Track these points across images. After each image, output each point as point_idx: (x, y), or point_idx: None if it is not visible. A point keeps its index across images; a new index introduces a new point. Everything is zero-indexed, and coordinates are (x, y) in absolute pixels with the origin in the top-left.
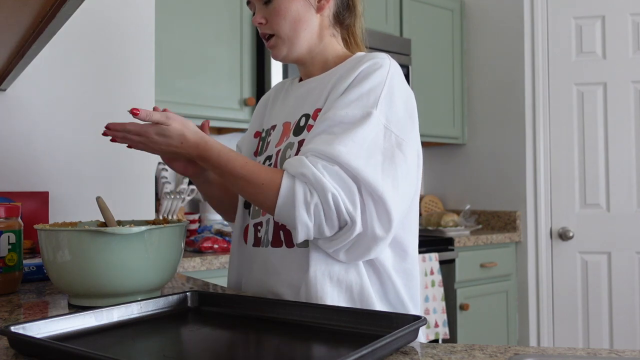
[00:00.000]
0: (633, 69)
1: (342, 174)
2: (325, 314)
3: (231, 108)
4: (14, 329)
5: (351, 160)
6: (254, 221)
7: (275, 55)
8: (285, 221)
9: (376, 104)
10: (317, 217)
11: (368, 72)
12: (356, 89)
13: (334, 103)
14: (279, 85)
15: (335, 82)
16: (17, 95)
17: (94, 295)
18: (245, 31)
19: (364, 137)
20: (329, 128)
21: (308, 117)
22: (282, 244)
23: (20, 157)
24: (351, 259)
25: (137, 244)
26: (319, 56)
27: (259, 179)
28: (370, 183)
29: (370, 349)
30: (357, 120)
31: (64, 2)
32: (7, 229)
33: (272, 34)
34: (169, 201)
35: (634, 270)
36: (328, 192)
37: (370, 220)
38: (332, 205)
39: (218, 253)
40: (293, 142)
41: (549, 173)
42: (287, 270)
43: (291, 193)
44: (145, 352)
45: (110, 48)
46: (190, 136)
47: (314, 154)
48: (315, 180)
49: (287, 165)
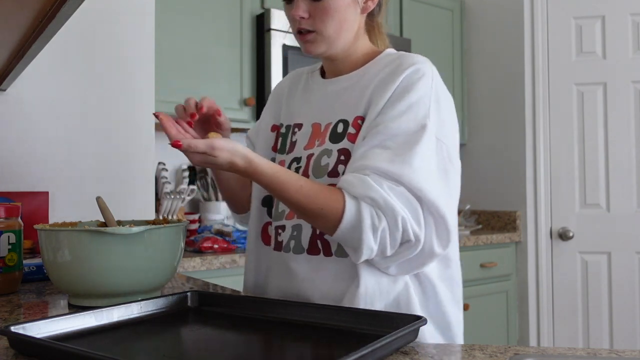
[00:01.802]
0: (633, 69)
1: (407, 195)
2: (325, 314)
3: (231, 108)
4: (14, 329)
5: (415, 180)
6: (276, 223)
7: (310, 50)
8: (346, 243)
9: (428, 114)
10: (382, 241)
11: (413, 79)
12: (404, 99)
13: (383, 114)
14: (294, 76)
15: (375, 88)
16: (17, 95)
17: (94, 295)
18: (245, 31)
19: (422, 153)
20: (382, 142)
21: (347, 125)
22: (320, 252)
23: (20, 157)
24: (402, 272)
25: (137, 244)
26: (351, 54)
27: (317, 203)
28: (433, 202)
29: (370, 349)
30: (412, 133)
31: (64, 2)
32: (7, 229)
33: (313, 30)
34: (169, 201)
35: (634, 270)
36: (398, 216)
37: (429, 237)
38: (401, 228)
39: (218, 253)
40: (330, 149)
41: (549, 173)
42: (323, 279)
43: (357, 217)
44: (145, 352)
45: (110, 48)
46: (240, 163)
47: (375, 172)
48: (386, 205)
49: (347, 186)
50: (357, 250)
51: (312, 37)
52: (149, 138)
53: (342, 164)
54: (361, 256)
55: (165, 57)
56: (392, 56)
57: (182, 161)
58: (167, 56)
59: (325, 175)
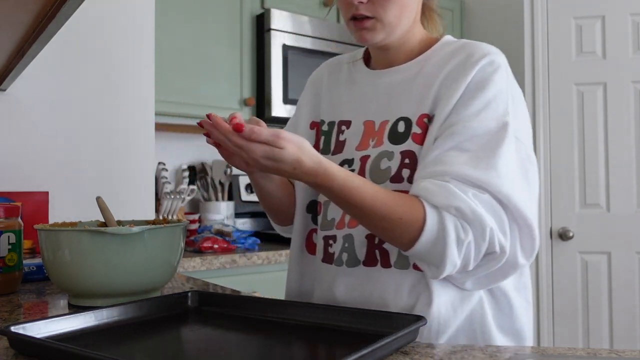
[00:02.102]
0: (633, 69)
1: (493, 203)
2: (325, 314)
3: (231, 108)
4: (14, 329)
5: (502, 187)
6: (325, 233)
7: (367, 38)
8: (424, 259)
9: (507, 111)
10: (466, 255)
11: (487, 72)
12: (480, 95)
13: (456, 112)
14: (332, 65)
15: (444, 82)
16: (17, 95)
17: (94, 295)
18: (245, 31)
19: (506, 155)
20: (460, 144)
21: (410, 123)
22: (377, 262)
23: (20, 157)
24: (478, 287)
25: (137, 244)
26: (406, 42)
27: (395, 213)
28: (521, 210)
29: (370, 349)
30: (493, 133)
31: (64, 2)
32: (7, 229)
33: (371, 16)
34: (169, 201)
35: (634, 270)
36: (487, 227)
37: (513, 247)
38: (487, 240)
39: (218, 253)
40: (391, 151)
41: (549, 173)
42: (381, 294)
43: (440, 230)
44: (145, 352)
45: (110, 48)
46: (307, 162)
47: (456, 178)
48: (474, 216)
49: (426, 194)
50: (438, 267)
51: (370, 24)
52: (149, 138)
53: (407, 167)
54: (442, 273)
55: (165, 57)
56: (454, 45)
57: (182, 161)
58: (167, 56)
59: (387, 181)
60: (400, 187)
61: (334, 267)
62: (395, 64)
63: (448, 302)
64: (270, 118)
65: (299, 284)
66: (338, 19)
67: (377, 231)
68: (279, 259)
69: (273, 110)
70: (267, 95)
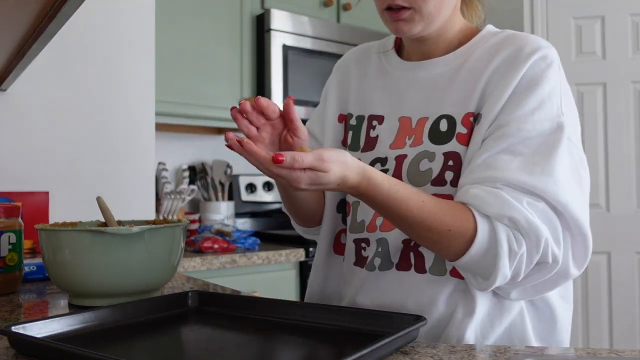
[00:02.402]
0: (633, 69)
1: (548, 212)
2: (325, 314)
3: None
4: (15, 329)
5: (558, 194)
6: (355, 236)
7: (405, 30)
8: (473, 270)
9: (561, 111)
10: (518, 267)
11: (540, 68)
12: (534, 93)
13: (507, 111)
14: (361, 54)
15: (491, 78)
16: (17, 95)
17: (94, 295)
18: (245, 31)
19: (561, 160)
20: (512, 146)
21: (453, 122)
22: (411, 267)
23: (20, 157)
24: (524, 297)
25: (137, 244)
26: (445, 32)
27: (443, 224)
28: (576, 219)
29: (370, 349)
30: (547, 135)
31: (64, 2)
32: (8, 229)
33: (409, 7)
34: (169, 201)
35: (634, 270)
36: (542, 238)
37: (566, 256)
38: (541, 251)
39: (218, 253)
40: (432, 151)
41: None
42: (416, 299)
43: (492, 242)
44: (145, 352)
45: (110, 48)
46: (352, 176)
47: (509, 185)
48: (529, 227)
49: (477, 202)
50: (487, 279)
51: (408, 15)
52: (149, 138)
53: (450, 170)
54: (491, 285)
55: (165, 57)
56: (499, 36)
57: (182, 161)
58: (167, 56)
59: (427, 184)
60: (443, 190)
61: (365, 272)
62: (432, 56)
63: (487, 313)
64: None
65: (323, 286)
66: (338, 19)
67: (423, 242)
68: (279, 259)
69: None
70: (267, 96)
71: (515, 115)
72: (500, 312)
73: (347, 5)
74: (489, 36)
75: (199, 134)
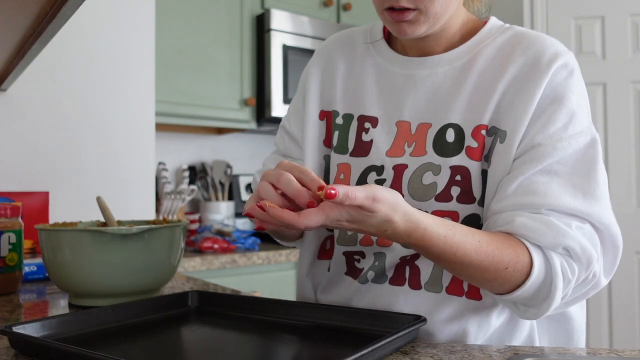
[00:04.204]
0: (633, 69)
1: (592, 233)
2: (325, 314)
3: (231, 108)
4: (15, 329)
5: (602, 216)
6: (346, 248)
7: (408, 32)
8: (523, 302)
9: (590, 122)
10: (567, 291)
11: (563, 78)
12: (562, 108)
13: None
14: (343, 41)
15: (509, 90)
16: (17, 95)
17: (94, 295)
18: (245, 31)
19: (600, 178)
20: (549, 167)
21: (461, 133)
22: (405, 282)
23: (20, 157)
24: (553, 312)
25: (137, 244)
26: (448, 28)
27: (501, 263)
28: (614, 235)
29: (370, 349)
30: (583, 151)
31: (64, 3)
32: (8, 229)
33: (414, 8)
34: (169, 201)
35: (634, 270)
36: (593, 261)
37: (599, 271)
38: (589, 273)
39: (218, 253)
40: (438, 163)
41: None
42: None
43: (547, 274)
44: (145, 352)
45: (110, 48)
46: (400, 223)
47: (554, 209)
48: (583, 252)
49: (528, 233)
50: (538, 308)
51: (413, 16)
52: (149, 138)
53: (458, 185)
54: (542, 315)
55: (165, 57)
56: (507, 34)
57: (182, 161)
58: (167, 56)
59: (431, 199)
60: (448, 207)
61: (357, 283)
62: (433, 52)
63: (496, 336)
64: (270, 118)
65: (311, 290)
66: (338, 19)
67: (475, 281)
68: (279, 259)
69: (273, 111)
70: (267, 96)
71: (548, 133)
72: (510, 335)
73: (347, 5)
74: (495, 32)
75: (199, 134)
